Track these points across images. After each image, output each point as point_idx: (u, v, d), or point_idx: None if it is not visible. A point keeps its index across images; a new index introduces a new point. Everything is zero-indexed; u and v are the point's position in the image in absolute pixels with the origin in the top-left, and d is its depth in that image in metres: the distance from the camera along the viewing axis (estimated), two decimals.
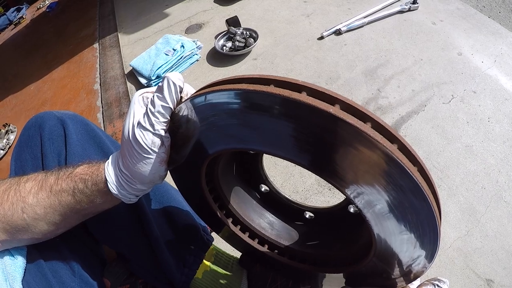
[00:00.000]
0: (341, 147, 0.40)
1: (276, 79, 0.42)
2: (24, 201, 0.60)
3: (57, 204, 0.61)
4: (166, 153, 0.57)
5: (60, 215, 0.62)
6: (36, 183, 0.62)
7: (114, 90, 2.36)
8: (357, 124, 0.37)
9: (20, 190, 0.61)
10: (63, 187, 0.60)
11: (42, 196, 0.60)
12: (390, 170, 0.39)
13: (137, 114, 0.54)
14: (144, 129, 0.52)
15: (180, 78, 0.52)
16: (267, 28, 2.52)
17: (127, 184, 0.58)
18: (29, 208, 0.60)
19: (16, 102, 2.90)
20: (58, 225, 0.64)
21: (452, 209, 1.35)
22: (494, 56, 1.94)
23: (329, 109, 0.37)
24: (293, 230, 0.77)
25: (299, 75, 2.05)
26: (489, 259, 1.22)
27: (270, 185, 0.80)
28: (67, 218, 0.63)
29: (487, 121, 1.63)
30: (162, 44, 2.41)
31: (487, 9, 2.36)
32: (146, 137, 0.53)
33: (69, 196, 0.60)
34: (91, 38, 3.26)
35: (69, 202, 0.61)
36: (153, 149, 0.54)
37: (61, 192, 0.60)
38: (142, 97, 0.56)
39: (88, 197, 0.61)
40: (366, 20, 2.31)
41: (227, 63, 2.29)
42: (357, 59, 2.08)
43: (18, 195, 0.61)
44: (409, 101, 1.77)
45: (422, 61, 1.99)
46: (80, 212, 0.63)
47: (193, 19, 2.89)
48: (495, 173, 1.44)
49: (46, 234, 0.65)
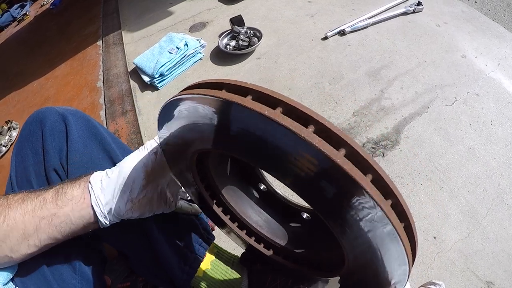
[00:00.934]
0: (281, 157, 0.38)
1: (228, 83, 0.42)
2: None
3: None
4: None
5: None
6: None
7: (117, 88, 2.36)
8: (295, 128, 0.34)
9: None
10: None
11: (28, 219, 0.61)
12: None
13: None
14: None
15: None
16: (271, 27, 2.52)
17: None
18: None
19: (19, 99, 2.90)
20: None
21: (453, 211, 1.35)
22: (498, 59, 1.94)
23: (265, 112, 0.35)
24: (289, 229, 0.77)
25: (302, 75, 2.05)
26: (490, 261, 1.22)
27: (267, 184, 0.80)
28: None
29: (489, 124, 1.63)
30: (166, 42, 2.41)
31: (492, 12, 2.36)
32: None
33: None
34: (94, 35, 3.27)
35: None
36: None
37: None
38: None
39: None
40: (371, 21, 2.31)
41: (230, 62, 2.29)
42: (361, 59, 2.08)
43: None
44: (412, 103, 1.77)
45: (425, 63, 1.99)
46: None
47: (197, 17, 2.90)
48: (497, 176, 1.44)
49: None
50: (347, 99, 1.85)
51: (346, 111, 1.79)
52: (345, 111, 1.79)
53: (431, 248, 1.26)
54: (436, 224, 1.32)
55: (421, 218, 1.34)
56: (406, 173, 1.49)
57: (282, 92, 1.93)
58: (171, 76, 2.26)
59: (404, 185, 1.45)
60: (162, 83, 2.22)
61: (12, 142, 2.38)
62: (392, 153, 1.57)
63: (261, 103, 0.37)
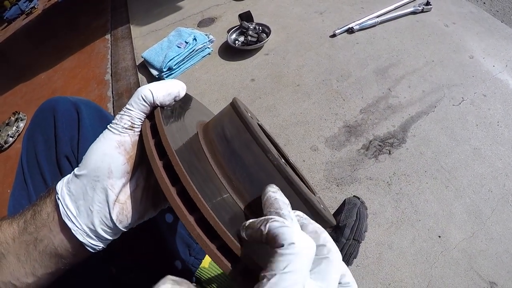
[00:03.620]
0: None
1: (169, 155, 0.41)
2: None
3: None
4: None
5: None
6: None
7: (125, 81, 2.38)
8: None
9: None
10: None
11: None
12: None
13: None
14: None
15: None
16: (279, 24, 2.53)
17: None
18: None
19: (27, 90, 2.92)
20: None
21: (458, 210, 1.36)
22: (506, 60, 1.94)
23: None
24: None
25: (310, 72, 2.06)
26: (494, 261, 1.22)
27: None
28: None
29: (496, 125, 1.63)
30: (175, 36, 2.42)
31: (501, 14, 2.35)
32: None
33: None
34: (103, 29, 3.28)
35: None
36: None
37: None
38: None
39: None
40: (379, 20, 2.31)
41: (239, 57, 2.30)
42: (369, 58, 2.08)
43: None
44: (419, 102, 1.78)
45: (433, 63, 1.99)
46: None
47: (205, 13, 2.90)
48: (502, 176, 1.45)
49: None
50: (355, 96, 1.86)
51: (354, 109, 1.79)
52: (352, 108, 1.80)
53: (435, 246, 1.27)
54: (441, 223, 1.33)
55: (426, 217, 1.35)
56: (412, 172, 1.50)
57: (289, 88, 1.94)
58: (180, 70, 2.27)
59: (410, 183, 1.46)
60: (170, 77, 2.23)
61: (20, 133, 2.40)
62: (398, 151, 1.58)
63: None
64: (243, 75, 2.15)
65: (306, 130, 1.73)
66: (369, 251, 1.28)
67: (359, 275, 1.23)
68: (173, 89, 0.49)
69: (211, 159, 0.48)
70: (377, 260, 1.26)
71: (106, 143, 0.46)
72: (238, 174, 0.47)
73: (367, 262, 1.26)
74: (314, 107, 1.84)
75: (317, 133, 1.71)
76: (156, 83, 0.48)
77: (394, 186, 1.46)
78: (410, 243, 1.29)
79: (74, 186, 0.45)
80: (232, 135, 0.49)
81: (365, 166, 1.55)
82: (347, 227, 1.15)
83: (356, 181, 1.50)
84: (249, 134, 0.46)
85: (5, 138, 2.33)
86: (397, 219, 1.36)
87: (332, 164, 1.58)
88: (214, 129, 0.52)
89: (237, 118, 0.49)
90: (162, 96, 0.47)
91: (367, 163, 1.56)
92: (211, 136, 0.51)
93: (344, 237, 1.14)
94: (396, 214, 1.37)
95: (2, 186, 2.03)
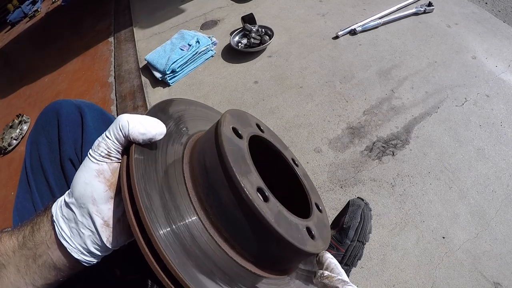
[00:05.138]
0: None
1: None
2: None
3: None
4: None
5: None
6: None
7: (129, 84, 2.38)
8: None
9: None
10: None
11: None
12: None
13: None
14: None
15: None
16: (282, 26, 2.54)
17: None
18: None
19: (30, 93, 2.94)
20: None
21: (462, 211, 1.36)
22: (509, 60, 1.94)
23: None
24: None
25: (313, 73, 2.07)
26: (498, 262, 1.22)
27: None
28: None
29: (499, 125, 1.63)
30: (178, 39, 2.43)
31: (503, 14, 2.35)
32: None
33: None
34: (106, 32, 3.30)
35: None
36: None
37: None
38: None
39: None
40: (381, 21, 2.32)
41: (242, 59, 2.31)
42: (372, 59, 2.09)
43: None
44: (422, 103, 1.78)
45: (436, 64, 1.99)
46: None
47: (208, 15, 2.91)
48: (506, 177, 1.45)
49: None
50: (358, 98, 1.86)
51: (357, 110, 1.80)
52: (355, 110, 1.80)
53: (439, 247, 1.27)
54: (445, 224, 1.33)
55: (430, 218, 1.35)
56: (416, 173, 1.50)
57: (292, 90, 1.94)
58: (183, 72, 2.28)
59: (413, 184, 1.46)
60: (173, 80, 2.24)
61: (23, 135, 2.41)
62: (402, 152, 1.58)
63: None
64: (246, 77, 2.16)
65: (309, 132, 1.74)
66: (373, 253, 1.29)
67: (363, 276, 1.23)
68: (151, 130, 0.48)
69: (192, 191, 0.50)
70: (381, 262, 1.26)
71: (86, 173, 0.47)
72: (215, 210, 0.48)
73: (372, 264, 1.26)
74: (317, 109, 1.85)
75: (320, 135, 1.72)
76: (138, 117, 0.48)
77: (397, 187, 1.46)
78: (414, 244, 1.29)
79: (66, 210, 0.47)
80: (210, 167, 0.49)
81: (368, 168, 1.55)
82: (351, 229, 1.15)
83: (360, 182, 1.51)
84: (224, 171, 0.46)
85: (8, 140, 2.34)
86: (401, 220, 1.36)
87: (335, 166, 1.58)
88: (197, 154, 0.53)
89: (216, 149, 0.49)
90: (136, 133, 0.47)
91: (370, 164, 1.56)
92: (194, 163, 0.53)
93: (349, 239, 1.14)
94: (400, 215, 1.37)
95: (5, 188, 2.04)
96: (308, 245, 0.49)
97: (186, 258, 0.42)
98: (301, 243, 0.47)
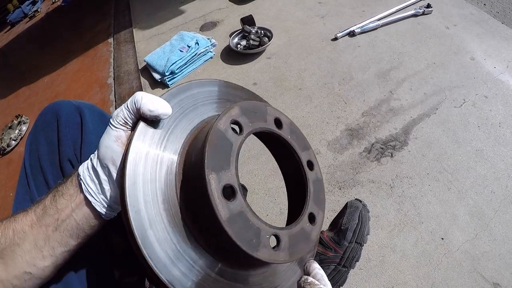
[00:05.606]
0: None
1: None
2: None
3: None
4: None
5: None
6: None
7: (128, 85, 2.39)
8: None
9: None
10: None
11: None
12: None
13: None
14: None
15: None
16: (281, 27, 2.54)
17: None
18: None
19: (30, 93, 2.94)
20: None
21: (461, 212, 1.36)
22: (507, 61, 1.94)
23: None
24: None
25: (312, 75, 2.07)
26: (497, 263, 1.22)
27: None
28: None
29: (498, 126, 1.63)
30: (177, 40, 2.43)
31: (501, 15, 2.35)
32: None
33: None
34: (105, 32, 3.30)
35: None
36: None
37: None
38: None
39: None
40: (380, 23, 2.32)
41: (241, 61, 2.31)
42: (370, 61, 2.09)
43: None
44: (421, 104, 1.78)
45: (434, 65, 1.99)
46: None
47: (208, 17, 2.92)
48: (504, 177, 1.45)
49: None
50: (357, 99, 1.87)
51: (356, 112, 1.80)
52: (354, 111, 1.80)
53: (438, 248, 1.27)
54: (443, 225, 1.33)
55: (429, 219, 1.35)
56: (415, 174, 1.50)
57: (291, 92, 1.95)
58: (182, 74, 2.28)
59: (412, 185, 1.46)
60: (172, 81, 2.24)
61: (22, 136, 2.41)
62: (400, 153, 1.58)
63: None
64: (245, 79, 2.16)
65: (308, 133, 1.74)
66: (372, 254, 1.29)
67: (362, 278, 1.24)
68: (158, 109, 0.55)
69: (178, 182, 0.55)
70: (380, 263, 1.26)
71: (107, 138, 0.55)
72: (188, 203, 0.53)
73: (370, 265, 1.26)
74: (316, 111, 1.85)
75: (319, 136, 1.72)
76: (151, 96, 0.55)
77: (396, 188, 1.46)
78: (413, 245, 1.29)
79: (92, 170, 0.57)
80: (194, 160, 0.53)
81: (367, 169, 1.55)
82: (349, 230, 1.15)
83: (358, 184, 1.51)
84: (200, 165, 0.48)
85: (7, 141, 2.34)
86: (400, 221, 1.36)
87: (334, 168, 1.59)
88: (192, 145, 0.58)
89: (202, 142, 0.52)
90: (146, 109, 0.54)
91: (369, 166, 1.56)
92: (188, 152, 0.57)
93: (347, 240, 1.14)
94: (398, 217, 1.37)
95: (4, 189, 2.04)
96: (260, 252, 0.48)
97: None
98: (249, 248, 0.47)
